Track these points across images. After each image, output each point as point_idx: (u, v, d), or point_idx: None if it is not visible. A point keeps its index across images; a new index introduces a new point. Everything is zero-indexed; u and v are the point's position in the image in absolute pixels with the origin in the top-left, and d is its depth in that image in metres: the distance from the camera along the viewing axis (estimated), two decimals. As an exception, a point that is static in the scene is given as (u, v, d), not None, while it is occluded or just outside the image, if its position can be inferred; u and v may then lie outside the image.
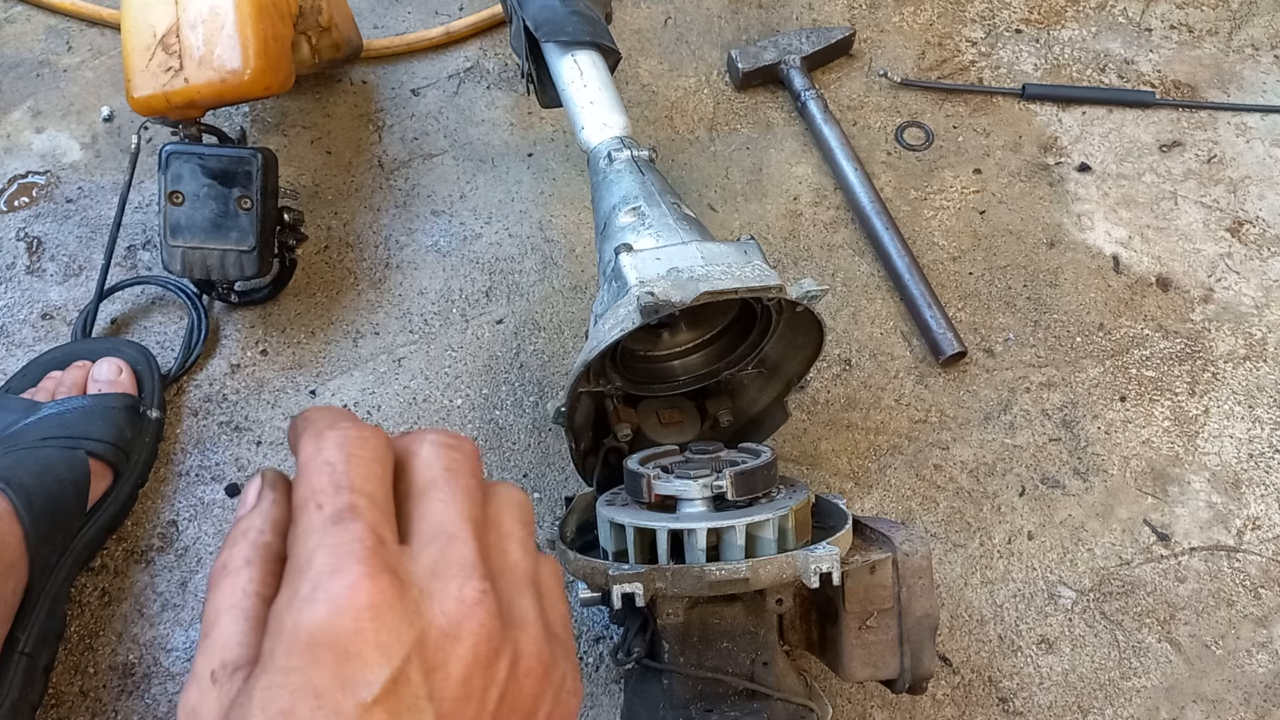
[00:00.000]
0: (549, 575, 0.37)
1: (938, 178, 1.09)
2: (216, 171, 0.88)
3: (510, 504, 0.37)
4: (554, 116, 1.11)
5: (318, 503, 0.31)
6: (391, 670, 0.29)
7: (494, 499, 0.36)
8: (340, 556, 0.30)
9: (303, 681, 0.28)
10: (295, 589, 0.30)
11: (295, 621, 0.29)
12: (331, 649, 0.28)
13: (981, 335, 0.99)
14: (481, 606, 0.31)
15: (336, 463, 0.32)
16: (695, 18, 1.21)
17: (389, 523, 0.32)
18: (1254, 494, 0.91)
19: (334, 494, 0.31)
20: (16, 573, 0.74)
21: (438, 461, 0.35)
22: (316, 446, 0.33)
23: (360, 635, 0.29)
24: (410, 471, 0.35)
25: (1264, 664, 0.83)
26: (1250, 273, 1.03)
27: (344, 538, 0.30)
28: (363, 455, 0.33)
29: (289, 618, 0.29)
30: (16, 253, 1.02)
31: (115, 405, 0.86)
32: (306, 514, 0.31)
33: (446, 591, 0.31)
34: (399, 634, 0.29)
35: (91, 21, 1.18)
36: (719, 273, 0.65)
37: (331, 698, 0.28)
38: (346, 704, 0.28)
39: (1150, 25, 1.22)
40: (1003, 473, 0.92)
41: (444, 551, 0.32)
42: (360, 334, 0.98)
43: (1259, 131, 1.13)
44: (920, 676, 0.66)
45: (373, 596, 0.29)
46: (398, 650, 0.29)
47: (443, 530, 0.33)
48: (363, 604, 0.29)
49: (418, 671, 0.29)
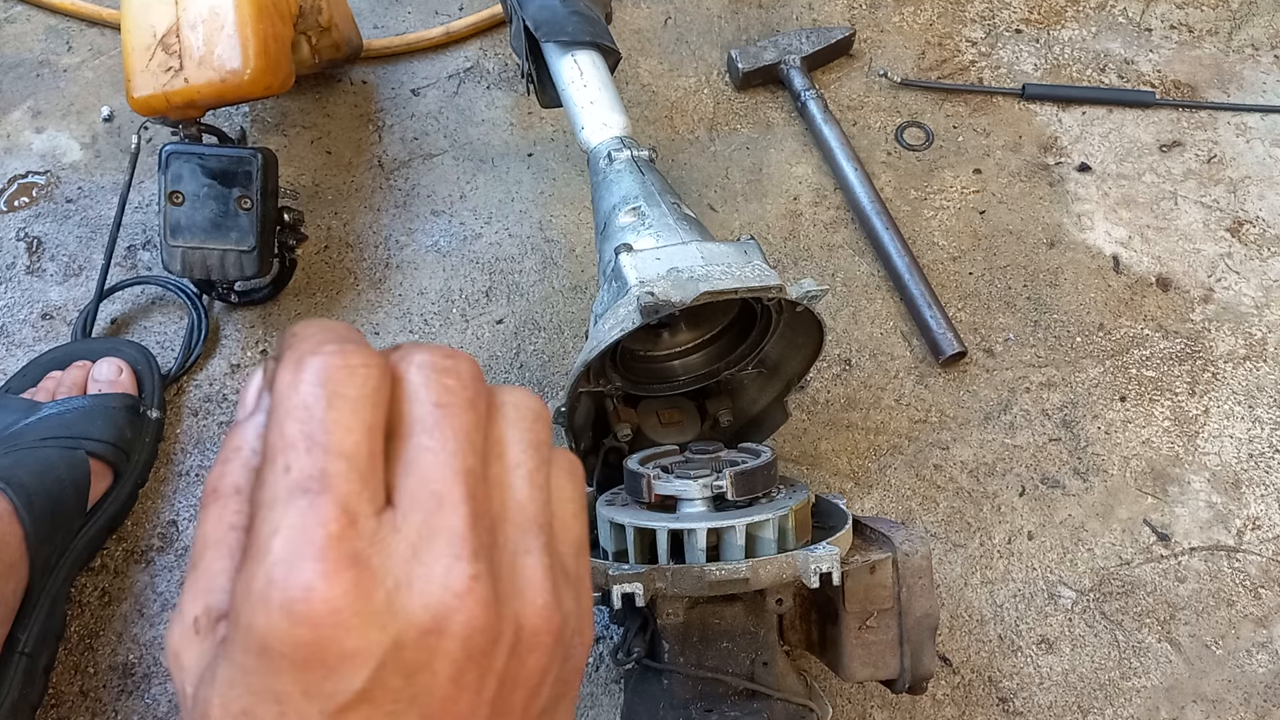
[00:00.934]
0: (560, 497, 0.31)
1: (938, 178, 1.09)
2: (216, 171, 0.88)
3: (517, 422, 0.30)
4: (554, 116, 1.11)
5: (285, 463, 0.26)
6: (363, 679, 0.25)
7: (497, 419, 0.30)
8: (300, 543, 0.25)
9: (262, 684, 0.25)
10: (251, 579, 0.25)
11: (249, 621, 0.25)
12: (289, 658, 0.25)
13: (981, 335, 0.99)
14: (471, 595, 0.26)
15: (314, 405, 0.26)
16: (695, 18, 1.21)
17: (368, 489, 0.26)
18: (1254, 494, 0.91)
19: (305, 452, 0.26)
20: (17, 573, 0.74)
21: (428, 394, 0.28)
22: (294, 379, 0.26)
23: (321, 645, 0.25)
24: (397, 404, 0.28)
25: (1264, 664, 0.83)
26: (1250, 273, 1.03)
27: (307, 519, 0.25)
28: (347, 395, 0.26)
29: (245, 612, 0.25)
30: (16, 253, 1.02)
31: (115, 405, 0.86)
32: (272, 473, 0.26)
33: (430, 579, 0.26)
34: (368, 641, 0.25)
35: (91, 21, 1.18)
36: (719, 273, 0.65)
37: (295, 705, 0.25)
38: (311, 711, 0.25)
39: (1150, 25, 1.22)
40: (1003, 473, 0.92)
41: (429, 522, 0.27)
42: (360, 334, 0.98)
43: (1259, 131, 1.13)
44: (920, 676, 0.66)
45: (332, 601, 0.24)
46: (368, 658, 0.25)
47: (430, 492, 0.27)
48: (321, 611, 0.24)
49: (396, 676, 0.26)
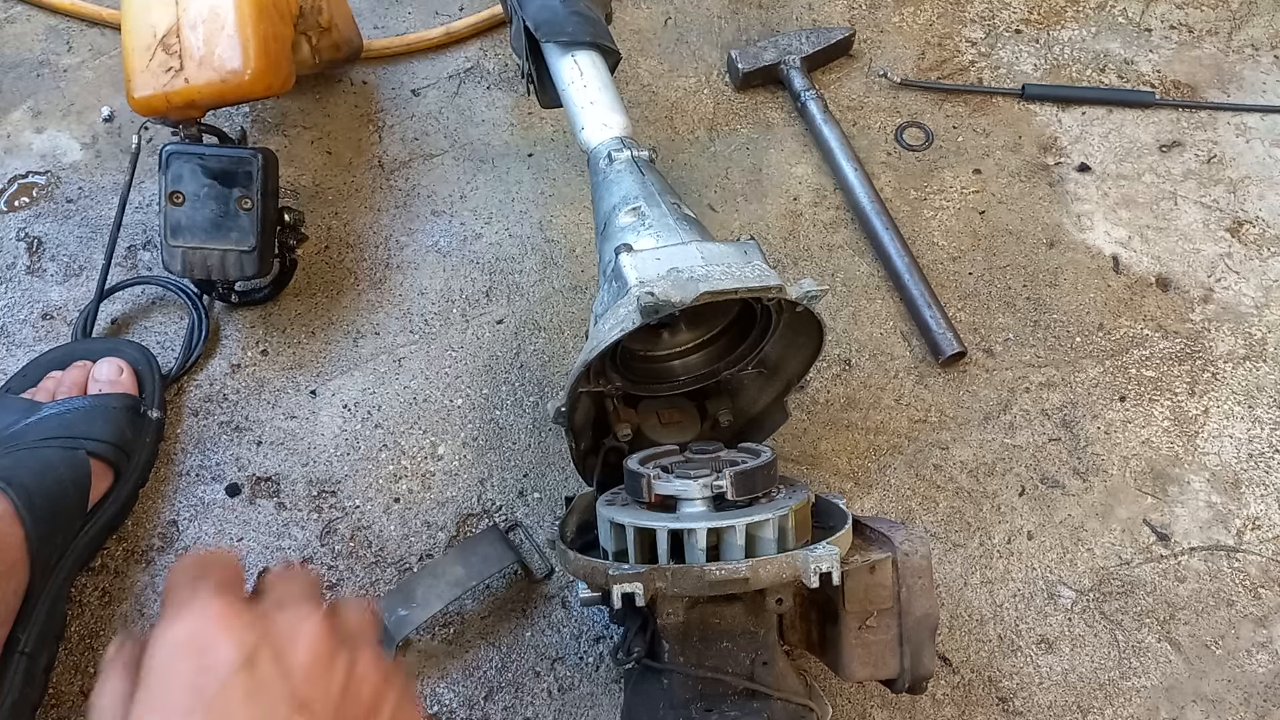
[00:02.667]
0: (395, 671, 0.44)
1: (937, 178, 1.09)
2: (217, 172, 0.88)
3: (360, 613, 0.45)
4: (554, 116, 1.11)
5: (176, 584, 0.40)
6: (244, 653, 0.36)
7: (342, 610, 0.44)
8: (196, 593, 0.38)
9: (172, 676, 0.35)
10: (162, 618, 0.38)
11: (162, 636, 0.36)
12: (192, 647, 0.36)
13: (981, 335, 0.99)
14: (313, 621, 0.39)
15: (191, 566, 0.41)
16: (695, 18, 1.21)
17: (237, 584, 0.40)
18: (1254, 494, 0.91)
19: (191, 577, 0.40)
20: (17, 573, 0.74)
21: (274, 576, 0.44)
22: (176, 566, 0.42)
23: (213, 635, 0.36)
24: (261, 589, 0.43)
25: (1264, 664, 0.83)
26: (1250, 273, 1.03)
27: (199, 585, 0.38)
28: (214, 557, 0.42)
29: (157, 636, 0.37)
30: (17, 253, 1.02)
31: (116, 405, 0.86)
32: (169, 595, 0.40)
33: (286, 609, 0.38)
34: (246, 632, 0.36)
35: (91, 21, 1.18)
36: (719, 273, 0.65)
37: (195, 680, 0.35)
38: (209, 683, 0.35)
39: (1150, 25, 1.22)
40: (1002, 473, 0.92)
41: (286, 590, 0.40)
42: (360, 334, 0.98)
43: (1259, 131, 1.13)
44: (920, 676, 0.66)
45: (223, 608, 0.37)
46: (247, 641, 0.36)
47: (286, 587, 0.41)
48: (215, 613, 0.36)
49: (267, 656, 0.36)
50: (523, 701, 0.80)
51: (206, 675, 0.35)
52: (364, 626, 0.44)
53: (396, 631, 0.77)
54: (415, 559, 0.86)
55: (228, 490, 0.89)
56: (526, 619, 0.83)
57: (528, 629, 0.83)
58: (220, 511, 0.88)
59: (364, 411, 0.94)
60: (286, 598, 0.41)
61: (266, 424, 0.93)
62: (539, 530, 0.87)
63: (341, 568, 0.86)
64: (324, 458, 0.91)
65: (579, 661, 0.82)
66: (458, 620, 0.83)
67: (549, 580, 0.85)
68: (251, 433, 0.92)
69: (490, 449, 0.92)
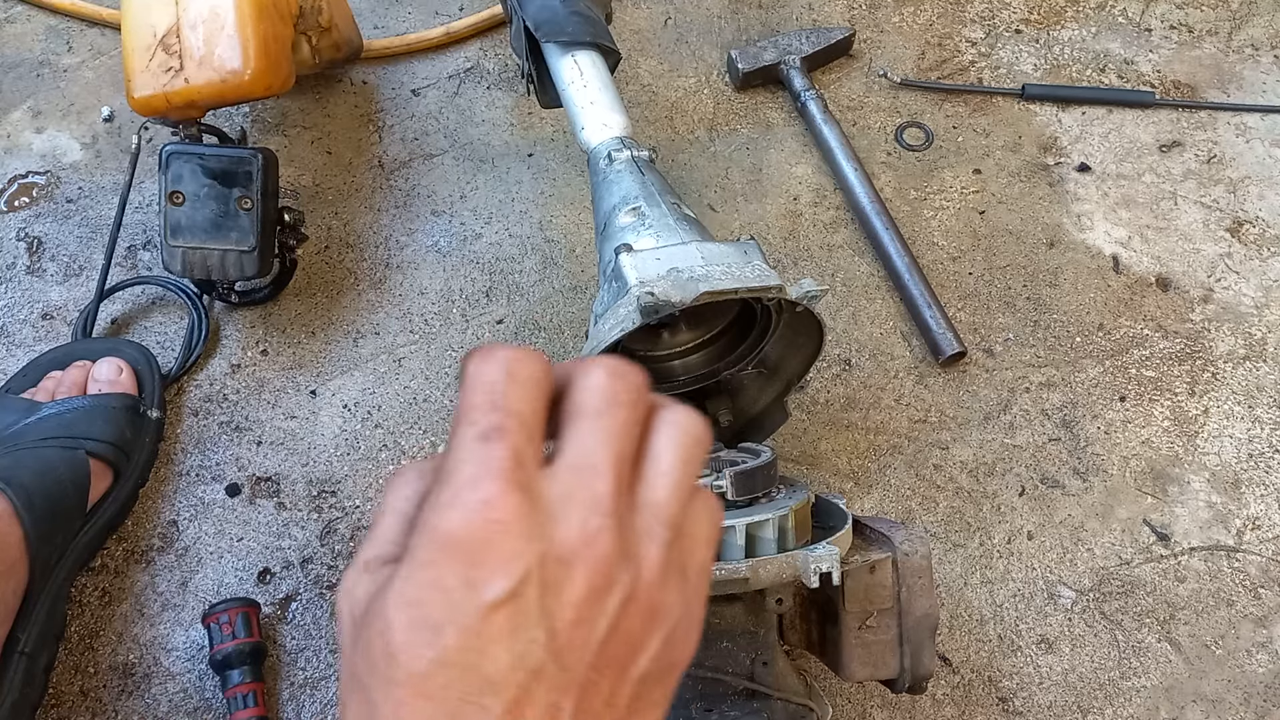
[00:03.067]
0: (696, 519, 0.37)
1: (937, 178, 1.09)
2: (217, 172, 0.88)
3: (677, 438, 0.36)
4: (554, 116, 1.11)
5: (471, 419, 0.33)
6: (513, 582, 0.31)
7: (661, 430, 0.36)
8: (481, 471, 0.32)
9: (434, 577, 0.31)
10: (439, 494, 0.32)
11: (435, 523, 0.32)
12: (462, 552, 0.31)
13: (981, 335, 0.99)
14: (601, 539, 0.33)
15: (495, 382, 0.34)
16: (695, 18, 1.21)
17: (534, 445, 0.33)
18: (1254, 494, 0.91)
19: (487, 411, 0.33)
20: (17, 573, 0.74)
21: (599, 391, 0.35)
22: (480, 365, 0.34)
23: (489, 544, 0.31)
24: (572, 396, 0.35)
25: (1264, 664, 0.83)
26: (1250, 273, 1.03)
27: (488, 454, 0.32)
28: (520, 376, 0.34)
29: (430, 518, 0.32)
30: (17, 253, 1.02)
31: (115, 405, 0.86)
32: (460, 428, 0.33)
33: (570, 518, 0.33)
34: (523, 549, 0.31)
35: (91, 21, 1.18)
36: (719, 273, 0.65)
37: (458, 595, 0.31)
38: (470, 603, 0.31)
39: (1150, 25, 1.22)
40: (1002, 473, 0.92)
41: (579, 480, 0.33)
42: (360, 334, 0.98)
43: (1259, 131, 1.13)
44: (920, 676, 0.66)
45: (504, 511, 0.31)
46: (519, 564, 0.31)
47: (585, 461, 0.34)
48: (494, 516, 0.31)
49: (535, 589, 0.31)
50: (523, 701, 0.80)
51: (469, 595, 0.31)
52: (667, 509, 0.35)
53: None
54: (415, 559, 0.86)
55: (228, 490, 0.89)
56: (526, 619, 0.83)
57: (528, 629, 0.83)
58: (220, 511, 0.88)
59: (364, 411, 0.94)
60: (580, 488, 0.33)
61: (266, 424, 0.93)
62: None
63: (342, 568, 0.86)
64: (324, 458, 0.91)
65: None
66: (458, 620, 0.83)
67: (549, 580, 0.85)
68: (251, 433, 0.92)
69: (490, 449, 0.92)
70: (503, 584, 0.31)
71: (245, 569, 0.86)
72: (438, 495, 0.32)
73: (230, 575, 0.85)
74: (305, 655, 0.82)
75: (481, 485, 0.32)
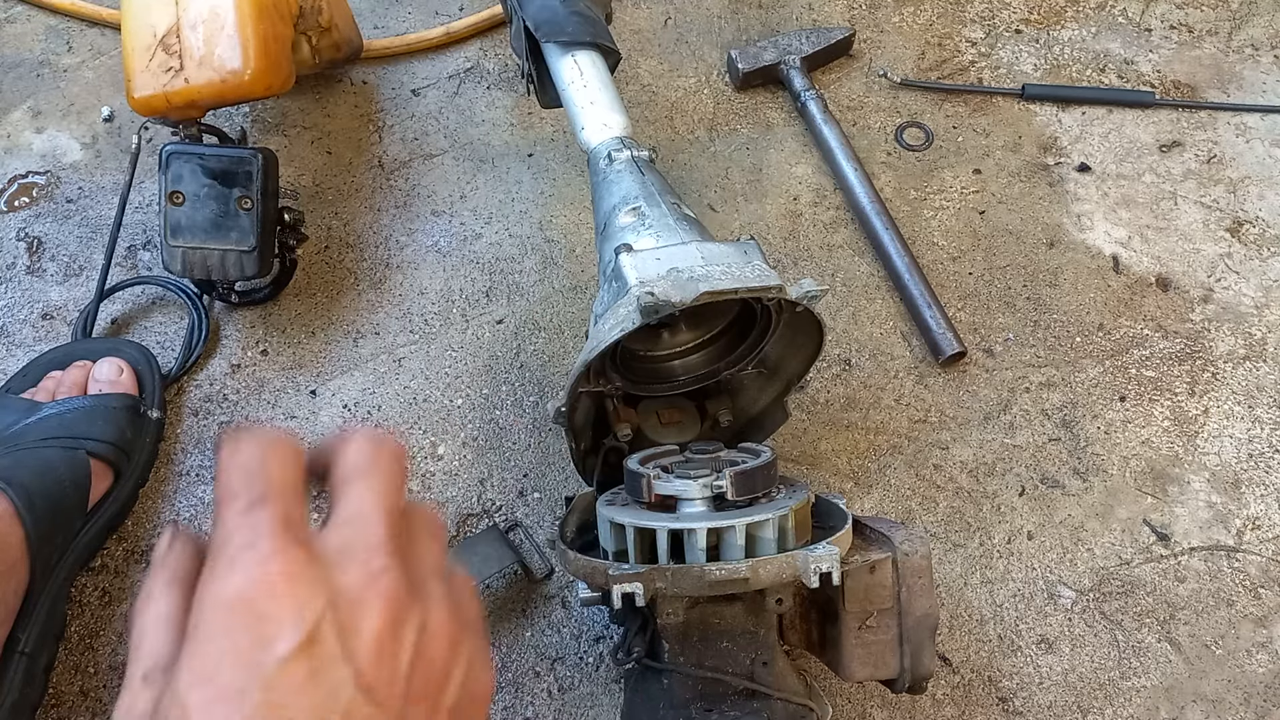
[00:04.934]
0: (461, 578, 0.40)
1: (937, 178, 1.09)
2: (217, 171, 0.88)
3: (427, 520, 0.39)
4: (554, 116, 1.11)
5: (232, 497, 0.34)
6: (306, 628, 0.31)
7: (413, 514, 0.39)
8: (254, 534, 0.33)
9: (225, 644, 0.31)
10: (214, 566, 0.33)
11: (216, 592, 0.32)
12: (248, 612, 0.31)
13: (981, 335, 0.99)
14: (386, 575, 0.34)
15: (250, 462, 0.35)
16: (695, 18, 1.21)
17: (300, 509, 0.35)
18: (1254, 494, 0.91)
19: (247, 487, 0.34)
20: (17, 573, 0.74)
21: (362, 456, 0.37)
22: (233, 451, 0.36)
23: (274, 599, 0.31)
24: (338, 466, 0.38)
25: (1264, 664, 0.83)
26: (1250, 273, 1.03)
27: (256, 520, 0.33)
28: (275, 454, 0.35)
29: (210, 590, 0.32)
30: (17, 253, 1.02)
31: (116, 405, 0.86)
32: (224, 509, 0.34)
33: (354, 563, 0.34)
34: (310, 597, 0.32)
35: (91, 21, 1.18)
36: (719, 273, 0.65)
37: (250, 655, 0.30)
38: (266, 660, 0.30)
39: (1150, 25, 1.22)
40: (1003, 473, 0.92)
41: (356, 530, 0.35)
42: (360, 334, 0.98)
43: (1259, 131, 1.13)
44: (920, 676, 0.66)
45: (284, 565, 0.32)
46: (310, 611, 0.31)
47: (358, 514, 0.36)
48: (275, 570, 0.32)
49: (331, 631, 0.32)
50: (522, 701, 0.80)
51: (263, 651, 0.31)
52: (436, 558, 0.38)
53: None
54: (415, 559, 0.86)
55: (228, 490, 0.89)
56: (526, 619, 0.83)
57: (527, 629, 0.83)
58: (220, 511, 0.88)
59: (364, 411, 0.94)
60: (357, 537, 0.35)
61: (267, 424, 0.93)
62: (539, 530, 0.87)
63: (341, 568, 0.86)
64: (324, 458, 0.91)
65: (579, 661, 0.82)
66: (458, 620, 0.83)
67: (549, 580, 0.85)
68: (251, 433, 0.92)
69: (490, 449, 0.92)
70: (295, 633, 0.31)
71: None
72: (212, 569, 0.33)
73: (230, 575, 0.85)
74: (305, 655, 0.82)
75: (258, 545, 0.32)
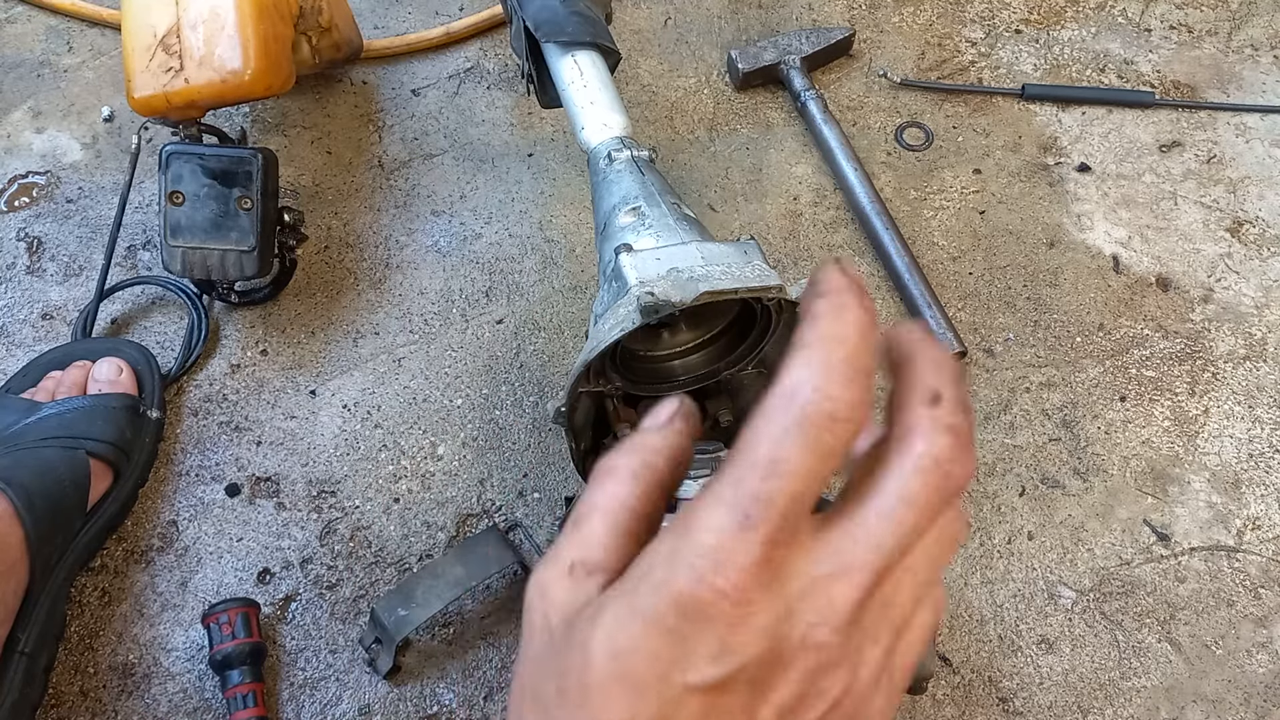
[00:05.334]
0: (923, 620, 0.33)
1: (937, 178, 1.09)
2: (217, 171, 0.88)
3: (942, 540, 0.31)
4: (554, 116, 1.11)
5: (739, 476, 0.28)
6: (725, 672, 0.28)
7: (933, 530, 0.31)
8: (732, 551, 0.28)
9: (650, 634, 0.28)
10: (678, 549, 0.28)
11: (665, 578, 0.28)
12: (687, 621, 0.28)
13: (981, 335, 0.99)
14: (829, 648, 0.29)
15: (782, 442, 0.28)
16: (695, 18, 1.21)
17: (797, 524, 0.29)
18: (1254, 494, 0.91)
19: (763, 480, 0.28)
20: (17, 573, 0.74)
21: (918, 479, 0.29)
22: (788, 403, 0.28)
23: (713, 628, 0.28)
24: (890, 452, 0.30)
25: (1264, 664, 0.83)
26: (1250, 273, 1.03)
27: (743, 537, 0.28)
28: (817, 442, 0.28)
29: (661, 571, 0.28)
30: (16, 253, 1.02)
31: (115, 405, 0.86)
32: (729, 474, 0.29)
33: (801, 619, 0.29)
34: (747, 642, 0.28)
35: (91, 22, 1.18)
36: (719, 273, 0.65)
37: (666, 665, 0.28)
38: (676, 677, 0.28)
39: (1150, 25, 1.22)
40: (1003, 473, 0.92)
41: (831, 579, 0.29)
42: (360, 334, 0.98)
43: (1259, 131, 1.13)
44: (920, 676, 0.66)
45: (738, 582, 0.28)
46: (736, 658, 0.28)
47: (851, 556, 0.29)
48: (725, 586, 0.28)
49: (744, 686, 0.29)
50: (523, 701, 0.80)
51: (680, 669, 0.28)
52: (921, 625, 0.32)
53: (396, 631, 0.77)
54: (415, 559, 0.86)
55: (227, 490, 0.89)
56: (526, 619, 0.83)
57: (528, 629, 0.83)
58: (220, 511, 0.88)
59: (364, 411, 0.94)
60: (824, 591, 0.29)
61: (266, 424, 0.93)
62: (539, 530, 0.87)
63: (341, 568, 0.86)
64: (324, 458, 0.91)
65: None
66: (458, 620, 0.83)
67: (549, 580, 0.85)
68: (251, 433, 0.92)
69: (490, 449, 0.92)
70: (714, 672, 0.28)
71: (245, 569, 0.86)
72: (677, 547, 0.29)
73: (230, 575, 0.85)
74: (305, 655, 0.82)
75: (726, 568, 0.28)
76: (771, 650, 0.28)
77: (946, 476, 0.29)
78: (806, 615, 0.29)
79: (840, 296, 0.29)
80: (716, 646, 0.28)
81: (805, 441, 0.28)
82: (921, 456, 0.29)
